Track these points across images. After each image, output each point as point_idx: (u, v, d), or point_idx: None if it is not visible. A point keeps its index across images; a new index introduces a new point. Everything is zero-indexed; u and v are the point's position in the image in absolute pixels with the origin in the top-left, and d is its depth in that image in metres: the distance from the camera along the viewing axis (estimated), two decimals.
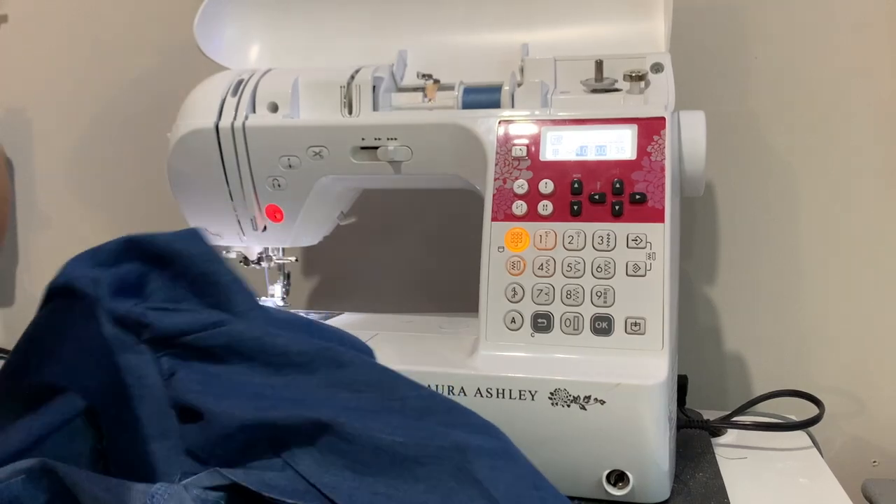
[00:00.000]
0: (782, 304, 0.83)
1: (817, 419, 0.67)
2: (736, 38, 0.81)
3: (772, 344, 0.83)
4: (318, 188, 0.67)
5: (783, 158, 0.81)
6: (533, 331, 0.56)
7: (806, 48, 0.80)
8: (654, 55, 0.63)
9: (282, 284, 0.77)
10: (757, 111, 0.81)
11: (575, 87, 0.63)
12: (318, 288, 0.96)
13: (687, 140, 0.62)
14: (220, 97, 0.67)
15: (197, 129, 0.66)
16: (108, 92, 0.99)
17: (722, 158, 0.80)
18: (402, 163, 0.64)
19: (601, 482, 0.53)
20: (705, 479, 0.59)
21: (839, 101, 0.80)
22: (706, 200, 0.83)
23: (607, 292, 0.55)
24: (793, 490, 0.60)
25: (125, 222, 1.01)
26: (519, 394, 0.53)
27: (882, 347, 0.81)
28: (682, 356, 0.66)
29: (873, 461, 0.82)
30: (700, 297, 0.85)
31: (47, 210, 1.04)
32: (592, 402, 0.52)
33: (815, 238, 0.81)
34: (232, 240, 0.72)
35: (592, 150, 0.58)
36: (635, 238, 0.55)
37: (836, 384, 0.82)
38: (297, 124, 0.65)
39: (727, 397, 0.84)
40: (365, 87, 0.64)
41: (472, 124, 0.61)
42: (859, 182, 0.80)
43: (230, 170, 0.67)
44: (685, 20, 0.68)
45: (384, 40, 0.72)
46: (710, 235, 0.84)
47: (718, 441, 0.68)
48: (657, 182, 0.56)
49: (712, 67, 0.81)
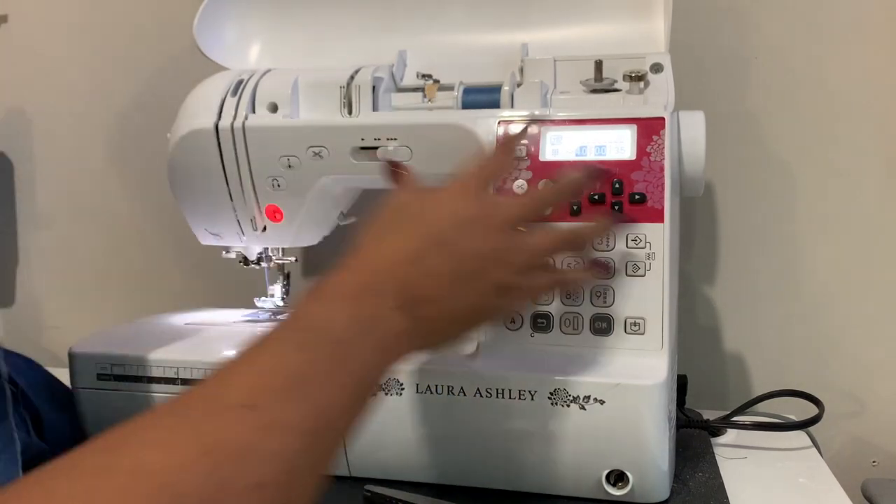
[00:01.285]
0: (782, 304, 0.83)
1: (817, 419, 0.67)
2: (736, 38, 0.81)
3: (772, 344, 0.83)
4: (318, 188, 0.67)
5: (783, 158, 0.81)
6: (532, 331, 0.56)
7: (806, 48, 0.80)
8: (654, 55, 0.63)
9: (282, 284, 0.77)
10: (757, 111, 0.81)
11: (574, 88, 0.63)
12: None
13: (687, 140, 0.62)
14: (220, 97, 0.67)
15: (197, 129, 0.66)
16: (107, 92, 0.99)
17: (722, 158, 0.80)
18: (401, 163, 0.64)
19: (601, 482, 0.53)
20: (705, 479, 0.59)
21: (839, 100, 0.80)
22: (706, 200, 0.83)
23: (607, 292, 0.55)
24: (792, 490, 0.60)
25: (125, 222, 1.01)
26: (518, 394, 0.53)
27: (882, 347, 0.81)
28: (682, 356, 0.66)
29: (873, 461, 0.82)
30: (700, 297, 0.85)
31: (47, 210, 1.04)
32: (592, 402, 0.52)
33: (815, 238, 0.81)
34: (232, 240, 0.72)
35: (592, 150, 0.58)
36: (635, 238, 0.55)
37: (836, 384, 0.82)
38: (297, 124, 0.65)
39: (727, 397, 0.84)
40: (365, 88, 0.64)
41: (471, 124, 0.61)
42: (859, 182, 0.80)
43: (230, 170, 0.67)
44: (685, 20, 0.68)
45: (384, 40, 0.72)
46: (710, 235, 0.84)
47: (718, 441, 0.68)
48: (657, 182, 0.56)
49: (712, 67, 0.81)
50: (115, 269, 1.03)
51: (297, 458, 0.32)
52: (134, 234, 1.01)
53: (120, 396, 0.64)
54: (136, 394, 0.63)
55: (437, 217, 0.44)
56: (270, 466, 0.31)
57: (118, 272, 1.02)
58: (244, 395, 0.32)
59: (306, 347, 0.36)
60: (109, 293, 1.03)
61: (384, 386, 0.57)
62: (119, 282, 1.03)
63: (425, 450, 0.57)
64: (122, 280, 1.02)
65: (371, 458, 0.59)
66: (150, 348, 0.64)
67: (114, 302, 1.03)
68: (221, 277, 0.95)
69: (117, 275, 1.03)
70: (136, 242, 1.01)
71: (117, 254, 1.02)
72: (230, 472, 0.29)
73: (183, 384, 0.62)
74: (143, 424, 0.31)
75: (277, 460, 0.31)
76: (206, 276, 0.98)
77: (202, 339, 0.69)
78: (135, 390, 0.63)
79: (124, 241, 1.01)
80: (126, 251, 1.02)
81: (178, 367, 0.62)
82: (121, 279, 1.03)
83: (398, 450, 0.58)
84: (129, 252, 1.02)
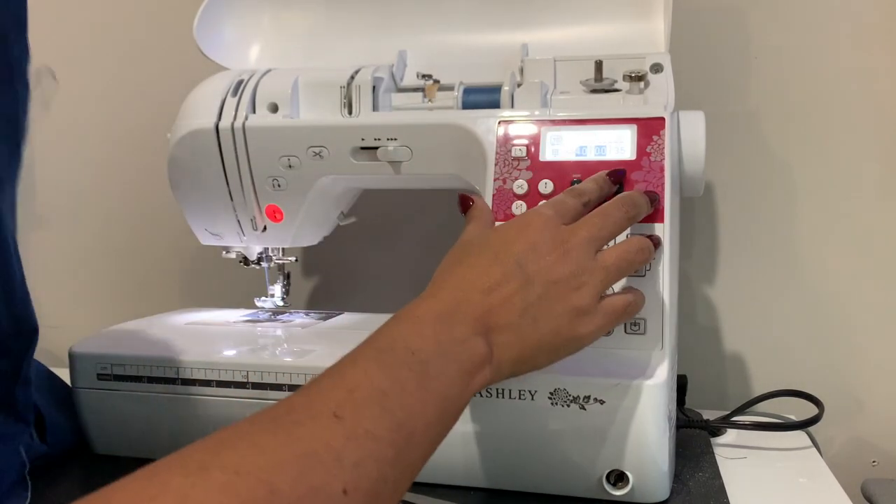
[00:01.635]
0: (782, 304, 0.83)
1: (817, 419, 0.67)
2: (736, 38, 0.81)
3: (772, 344, 0.83)
4: (318, 188, 0.67)
5: (783, 158, 0.81)
6: None
7: (806, 48, 0.80)
8: (654, 55, 0.63)
9: (282, 284, 0.77)
10: (757, 111, 0.81)
11: (574, 88, 0.63)
12: (318, 288, 0.96)
13: (687, 140, 0.62)
14: (220, 97, 0.67)
15: (197, 129, 0.66)
16: (107, 92, 1.00)
17: (722, 158, 0.80)
18: (401, 163, 0.64)
19: (601, 482, 0.53)
20: (705, 479, 0.59)
21: (839, 101, 0.80)
22: (706, 200, 0.83)
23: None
24: (792, 490, 0.60)
25: (125, 222, 1.01)
26: (519, 394, 0.53)
27: (882, 347, 0.81)
28: (682, 356, 0.66)
29: (873, 461, 0.83)
30: (700, 297, 0.85)
31: (47, 210, 1.04)
32: (592, 402, 0.52)
33: (815, 238, 0.81)
34: (232, 240, 0.72)
35: (592, 150, 0.58)
36: None
37: (836, 384, 0.82)
38: (297, 124, 0.65)
39: (727, 397, 0.84)
40: (365, 88, 0.64)
41: (471, 124, 0.61)
42: (859, 182, 0.80)
43: (230, 170, 0.67)
44: (685, 20, 0.68)
45: (384, 40, 0.72)
46: (710, 235, 0.84)
47: (718, 441, 0.68)
48: (657, 182, 0.56)
49: (712, 67, 0.81)
50: (115, 269, 1.03)
51: (380, 469, 0.34)
52: (134, 234, 1.01)
53: (120, 396, 0.64)
54: (136, 394, 0.63)
55: (516, 246, 0.46)
56: (355, 474, 0.33)
57: (118, 272, 1.03)
58: (332, 405, 0.34)
59: (390, 365, 0.38)
60: (109, 293, 1.03)
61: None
62: (119, 282, 1.03)
63: None
64: (121, 280, 1.03)
65: None
66: (150, 348, 0.65)
67: (114, 302, 1.03)
68: (221, 277, 0.95)
69: (117, 275, 1.03)
70: (136, 242, 1.01)
71: (117, 254, 1.02)
72: (320, 476, 0.32)
73: (183, 384, 0.62)
74: (240, 429, 0.33)
75: (362, 469, 0.33)
76: (206, 276, 0.98)
77: (202, 339, 0.69)
78: (135, 390, 0.63)
79: (124, 241, 1.01)
80: (126, 251, 1.02)
81: (178, 367, 0.62)
82: (121, 279, 1.03)
83: None
84: (129, 252, 1.02)
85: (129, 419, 0.64)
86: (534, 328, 0.44)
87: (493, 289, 0.44)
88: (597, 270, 0.47)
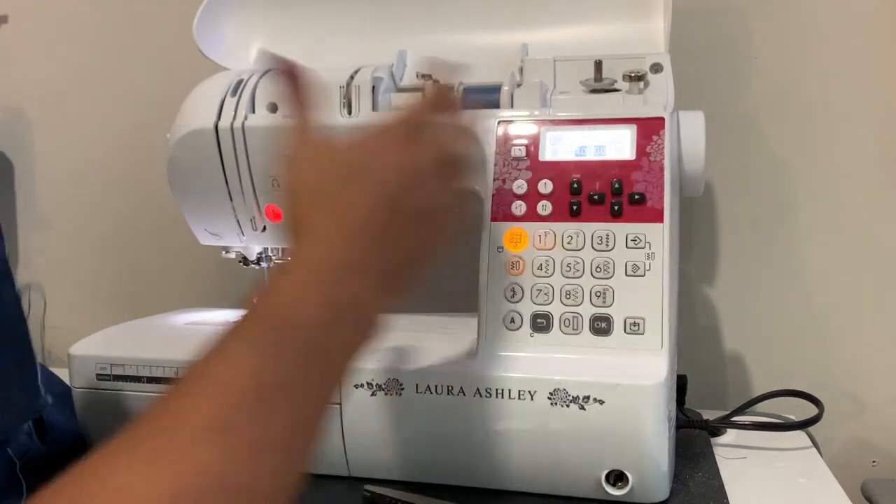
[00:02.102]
0: (782, 304, 0.83)
1: (817, 419, 0.67)
2: (736, 38, 0.81)
3: (772, 344, 0.83)
4: None
5: (783, 158, 0.81)
6: (532, 331, 0.56)
7: (806, 48, 0.80)
8: (654, 55, 0.63)
9: None
10: (757, 111, 0.81)
11: (574, 88, 0.63)
12: None
13: (686, 140, 0.62)
14: (220, 97, 0.67)
15: (196, 129, 0.66)
16: (107, 92, 1.00)
17: (722, 158, 0.80)
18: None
19: (600, 482, 0.53)
20: (705, 479, 0.59)
21: (839, 100, 0.80)
22: (706, 200, 0.83)
23: (606, 292, 0.55)
24: (792, 490, 0.60)
25: (125, 222, 1.01)
26: (518, 394, 0.53)
27: (882, 347, 0.81)
28: (682, 356, 0.66)
29: (873, 461, 0.82)
30: (700, 297, 0.85)
31: (47, 210, 1.04)
32: (592, 402, 0.52)
33: (815, 238, 0.81)
34: (232, 240, 0.72)
35: (592, 150, 0.58)
36: (634, 238, 0.55)
37: (836, 384, 0.82)
38: None
39: (727, 397, 0.84)
40: (364, 88, 0.64)
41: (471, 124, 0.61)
42: (859, 182, 0.80)
43: (230, 170, 0.67)
44: (685, 20, 0.68)
45: (384, 40, 0.72)
46: (710, 235, 0.84)
47: (718, 441, 0.68)
48: (656, 182, 0.56)
49: (712, 67, 0.81)
50: (114, 270, 1.03)
51: (275, 480, 0.30)
52: (134, 235, 1.01)
53: (119, 397, 0.64)
54: (135, 394, 0.63)
55: (383, 173, 0.40)
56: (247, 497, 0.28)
57: (118, 272, 1.03)
58: (214, 414, 0.29)
59: (277, 350, 0.32)
60: (109, 293, 1.03)
61: (384, 386, 0.57)
62: (119, 282, 1.03)
63: (425, 450, 0.57)
64: (121, 280, 1.03)
65: (371, 458, 0.59)
66: (150, 349, 0.64)
67: (114, 302, 1.03)
68: (221, 277, 0.95)
69: (117, 275, 1.03)
70: (135, 243, 1.01)
71: (117, 254, 1.02)
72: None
73: None
74: (96, 467, 0.27)
75: (255, 486, 0.28)
76: (206, 276, 0.98)
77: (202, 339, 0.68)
78: (134, 391, 0.63)
79: (124, 242, 1.01)
80: (126, 251, 1.02)
81: (178, 368, 0.62)
82: (120, 279, 1.03)
83: (398, 450, 0.58)
84: (129, 252, 1.02)
85: (128, 419, 0.64)
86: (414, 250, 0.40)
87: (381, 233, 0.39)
88: (427, 151, 0.42)
